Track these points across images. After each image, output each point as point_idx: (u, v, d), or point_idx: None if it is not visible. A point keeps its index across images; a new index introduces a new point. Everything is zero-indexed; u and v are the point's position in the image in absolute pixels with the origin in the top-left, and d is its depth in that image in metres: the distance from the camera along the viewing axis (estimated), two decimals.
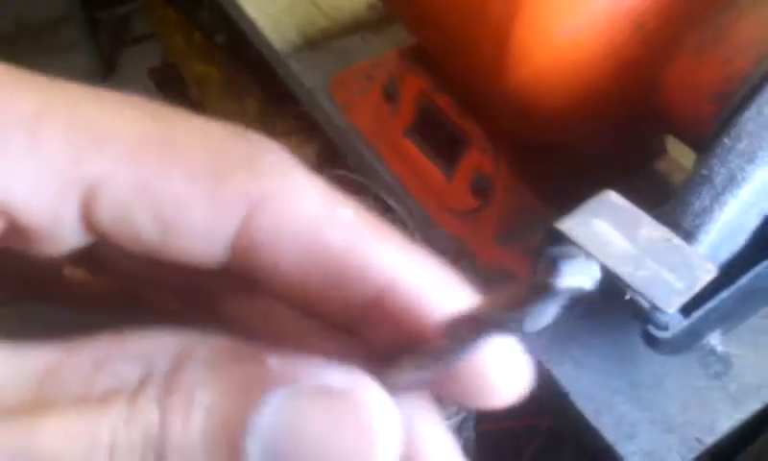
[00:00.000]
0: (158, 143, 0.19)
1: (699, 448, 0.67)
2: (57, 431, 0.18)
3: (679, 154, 0.80)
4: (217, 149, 0.20)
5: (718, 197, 0.47)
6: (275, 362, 0.19)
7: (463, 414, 0.83)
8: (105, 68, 1.84)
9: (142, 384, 0.18)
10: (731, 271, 0.52)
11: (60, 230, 0.19)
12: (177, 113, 0.20)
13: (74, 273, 0.24)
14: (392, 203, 0.79)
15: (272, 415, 0.18)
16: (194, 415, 0.18)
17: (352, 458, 0.18)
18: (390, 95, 0.78)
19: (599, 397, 0.68)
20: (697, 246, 0.48)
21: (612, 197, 0.49)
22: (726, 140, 0.47)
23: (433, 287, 0.20)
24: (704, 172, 0.47)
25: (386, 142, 0.80)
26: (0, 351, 0.18)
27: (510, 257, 0.72)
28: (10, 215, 0.18)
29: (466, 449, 0.88)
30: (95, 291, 0.25)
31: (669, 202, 0.51)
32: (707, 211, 0.47)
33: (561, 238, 0.47)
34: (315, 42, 0.91)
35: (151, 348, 0.19)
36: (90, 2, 1.68)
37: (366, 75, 0.84)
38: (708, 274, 0.45)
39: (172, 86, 1.58)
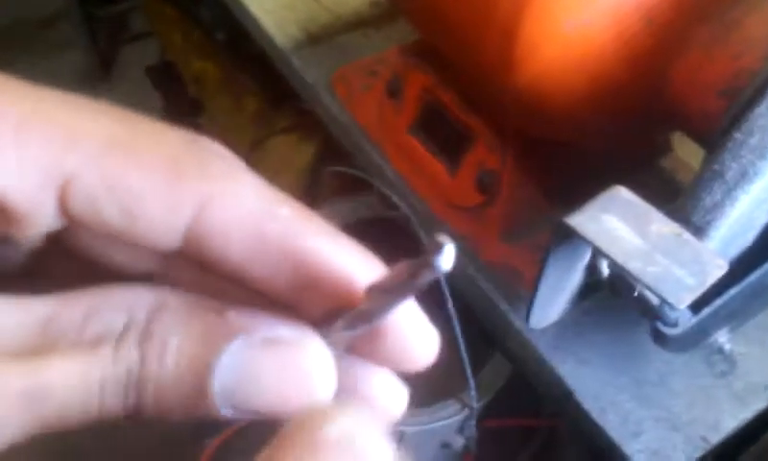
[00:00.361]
0: (124, 145, 0.23)
1: (704, 447, 0.67)
2: (59, 371, 0.22)
3: (684, 152, 0.79)
4: (174, 152, 0.23)
5: (729, 192, 0.46)
6: (233, 315, 0.23)
7: (465, 412, 0.83)
8: (102, 66, 1.83)
9: (125, 331, 0.23)
10: (740, 267, 0.52)
11: (39, 215, 0.23)
12: (140, 120, 0.24)
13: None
14: (395, 199, 0.79)
15: (230, 359, 0.23)
16: (167, 357, 0.23)
17: (296, 395, 0.23)
18: (393, 91, 0.78)
19: (604, 395, 0.68)
20: (707, 242, 0.48)
21: (623, 192, 0.48)
22: (737, 135, 0.46)
23: (355, 265, 0.24)
24: (715, 167, 0.46)
25: (389, 138, 0.79)
26: (5, 303, 0.22)
27: (514, 254, 0.72)
28: (1, 205, 0.22)
29: (468, 447, 0.88)
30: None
31: (679, 198, 0.50)
32: (718, 207, 0.46)
33: (570, 233, 0.47)
34: (317, 38, 0.91)
35: (131, 299, 0.23)
36: None
37: (368, 71, 0.84)
38: (718, 269, 0.45)
39: (170, 84, 1.57)
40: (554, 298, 0.56)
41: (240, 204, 0.23)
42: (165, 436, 1.14)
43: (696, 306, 0.51)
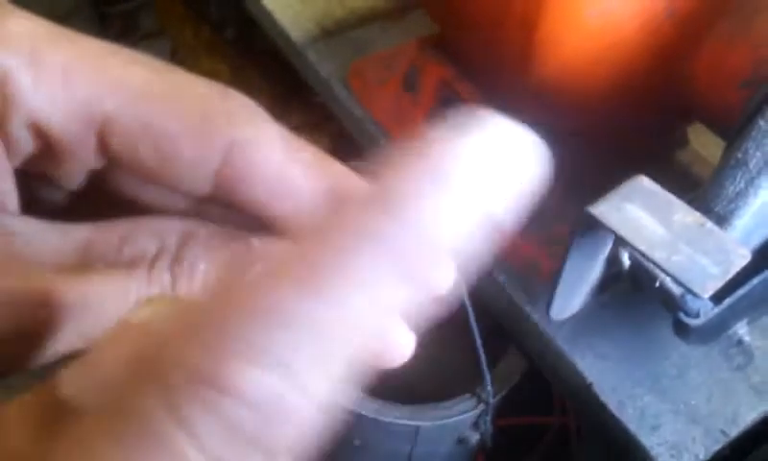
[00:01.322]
0: (160, 93, 0.24)
1: (723, 440, 0.66)
2: (98, 286, 0.24)
3: (700, 145, 0.79)
4: (205, 100, 0.25)
5: (753, 181, 0.46)
6: (257, 242, 0.26)
7: (481, 407, 0.83)
8: None
9: (157, 255, 0.25)
10: (761, 257, 0.52)
11: (81, 152, 0.24)
12: (176, 70, 0.25)
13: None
14: None
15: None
16: (195, 280, 0.25)
17: None
18: (410, 84, 0.78)
19: (622, 388, 0.68)
20: (730, 231, 0.47)
21: (645, 182, 0.48)
22: (761, 123, 0.46)
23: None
24: (738, 156, 0.46)
25: (405, 131, 0.79)
26: (46, 227, 0.25)
27: (531, 247, 0.72)
28: (48, 137, 0.24)
29: (483, 442, 0.88)
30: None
31: (700, 188, 0.50)
32: (741, 196, 0.46)
33: (594, 223, 0.47)
34: (331, 33, 0.91)
35: (163, 228, 0.25)
36: None
37: (384, 64, 0.84)
38: (742, 259, 0.45)
39: None
40: (575, 289, 0.56)
41: (265, 148, 0.25)
42: None
43: (717, 297, 0.51)
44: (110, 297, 0.24)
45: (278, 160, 0.25)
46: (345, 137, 0.90)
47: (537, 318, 0.70)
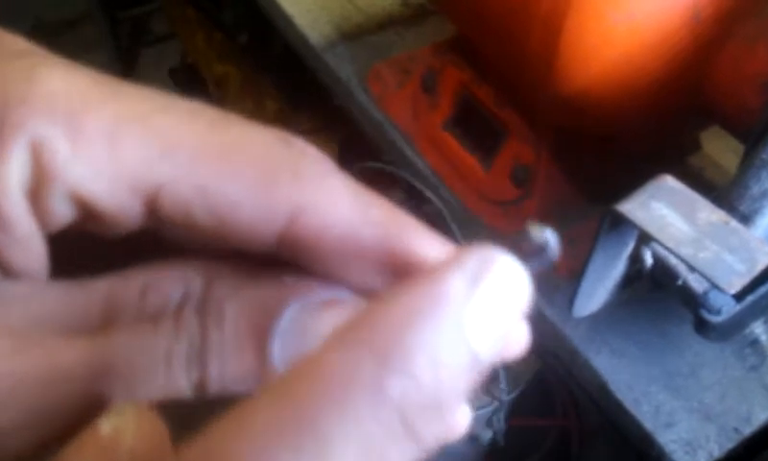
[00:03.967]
0: (216, 152, 0.22)
1: (737, 438, 0.67)
2: (127, 346, 0.22)
3: (713, 149, 0.81)
4: (266, 156, 0.23)
5: None
6: (289, 279, 0.24)
7: (495, 405, 0.84)
8: (124, 68, 1.84)
9: (182, 301, 0.23)
10: None
11: (126, 218, 0.23)
12: (232, 121, 0.23)
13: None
14: (428, 194, 0.80)
15: (288, 322, 0.23)
16: (225, 323, 0.23)
17: None
18: (428, 87, 0.79)
19: (637, 386, 0.69)
20: (754, 230, 0.49)
21: (669, 181, 0.50)
22: None
23: (438, 255, 0.23)
24: (764, 156, 0.48)
25: (423, 134, 0.81)
26: (66, 285, 0.23)
27: None
28: (88, 208, 0.22)
29: (495, 440, 0.89)
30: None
31: (714, 191, 0.52)
32: (766, 195, 0.48)
33: (620, 220, 0.48)
34: (349, 37, 0.92)
35: (186, 271, 0.23)
36: (110, 2, 1.68)
37: (401, 68, 0.85)
38: (766, 257, 0.46)
39: (191, 87, 1.59)
40: (598, 286, 0.57)
41: (334, 210, 0.23)
42: None
43: (738, 295, 0.52)
44: (136, 354, 0.22)
45: (349, 222, 0.23)
46: (354, 141, 0.91)
47: (552, 316, 0.71)
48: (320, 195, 0.23)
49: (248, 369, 0.22)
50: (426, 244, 0.23)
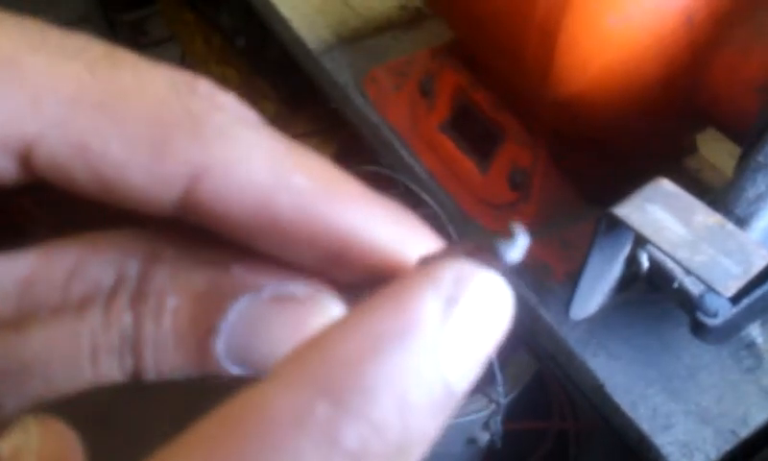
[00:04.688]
0: (96, 101, 0.19)
1: (734, 441, 0.68)
2: (43, 340, 0.19)
3: (709, 152, 0.81)
4: (159, 109, 0.19)
5: None
6: (238, 269, 0.20)
7: (492, 408, 0.84)
8: None
9: (114, 289, 0.20)
10: None
11: (1, 178, 0.19)
12: (121, 61, 0.19)
13: (21, 203, 0.24)
14: (424, 196, 0.80)
15: (236, 318, 0.20)
16: (164, 318, 0.20)
17: None
18: (426, 90, 0.79)
19: (634, 388, 0.69)
20: (749, 233, 0.49)
21: (665, 184, 0.50)
22: None
23: (395, 236, 0.20)
24: (759, 159, 0.48)
25: (420, 137, 0.81)
26: None
27: (544, 249, 0.73)
28: None
29: (493, 442, 0.89)
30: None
31: (710, 193, 0.52)
32: (761, 198, 0.48)
33: (617, 223, 0.48)
34: (347, 41, 0.92)
35: (121, 250, 0.20)
36: (108, 5, 1.69)
37: (398, 71, 0.86)
38: (762, 259, 0.46)
39: None
40: (595, 289, 0.57)
41: (242, 173, 0.19)
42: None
43: (735, 297, 0.52)
44: (56, 351, 0.19)
45: (261, 189, 0.19)
46: (351, 145, 0.91)
47: (549, 319, 0.71)
48: (226, 153, 0.19)
49: (187, 362, 0.20)
50: (360, 219, 0.20)
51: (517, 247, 0.18)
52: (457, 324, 0.16)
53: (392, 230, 0.20)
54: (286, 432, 0.15)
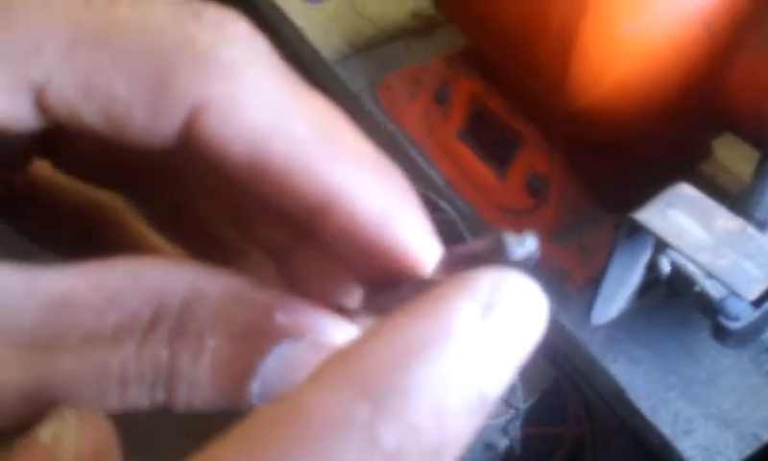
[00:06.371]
0: (94, 40, 0.18)
1: (756, 444, 0.68)
2: (71, 365, 0.18)
3: (725, 157, 0.81)
4: (159, 41, 0.18)
5: None
6: (280, 315, 0.20)
7: (511, 413, 0.84)
8: None
9: (153, 323, 0.19)
10: None
11: (20, 121, 0.19)
12: None
13: (39, 167, 0.24)
14: (442, 204, 0.81)
15: (274, 363, 0.20)
16: (202, 357, 0.19)
17: None
18: (441, 98, 0.80)
19: (655, 393, 0.69)
20: None
21: (686, 189, 0.50)
22: None
23: (379, 206, 0.20)
24: None
25: (436, 144, 0.81)
26: (13, 274, 0.18)
27: (563, 255, 0.73)
28: None
29: (512, 448, 0.89)
30: (60, 204, 0.25)
31: (739, 193, 0.52)
32: None
33: (638, 228, 0.48)
34: (360, 49, 0.93)
35: (162, 282, 0.19)
36: None
37: (412, 79, 0.86)
38: None
39: None
40: (616, 294, 0.57)
41: (240, 114, 0.18)
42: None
43: (757, 300, 0.52)
44: (84, 377, 0.19)
45: (258, 132, 0.19)
46: None
47: (568, 325, 0.71)
48: (227, 91, 0.18)
49: (220, 398, 0.20)
50: (356, 182, 0.19)
51: (527, 245, 0.18)
52: (493, 331, 0.16)
53: (378, 200, 0.19)
54: (328, 432, 0.15)
